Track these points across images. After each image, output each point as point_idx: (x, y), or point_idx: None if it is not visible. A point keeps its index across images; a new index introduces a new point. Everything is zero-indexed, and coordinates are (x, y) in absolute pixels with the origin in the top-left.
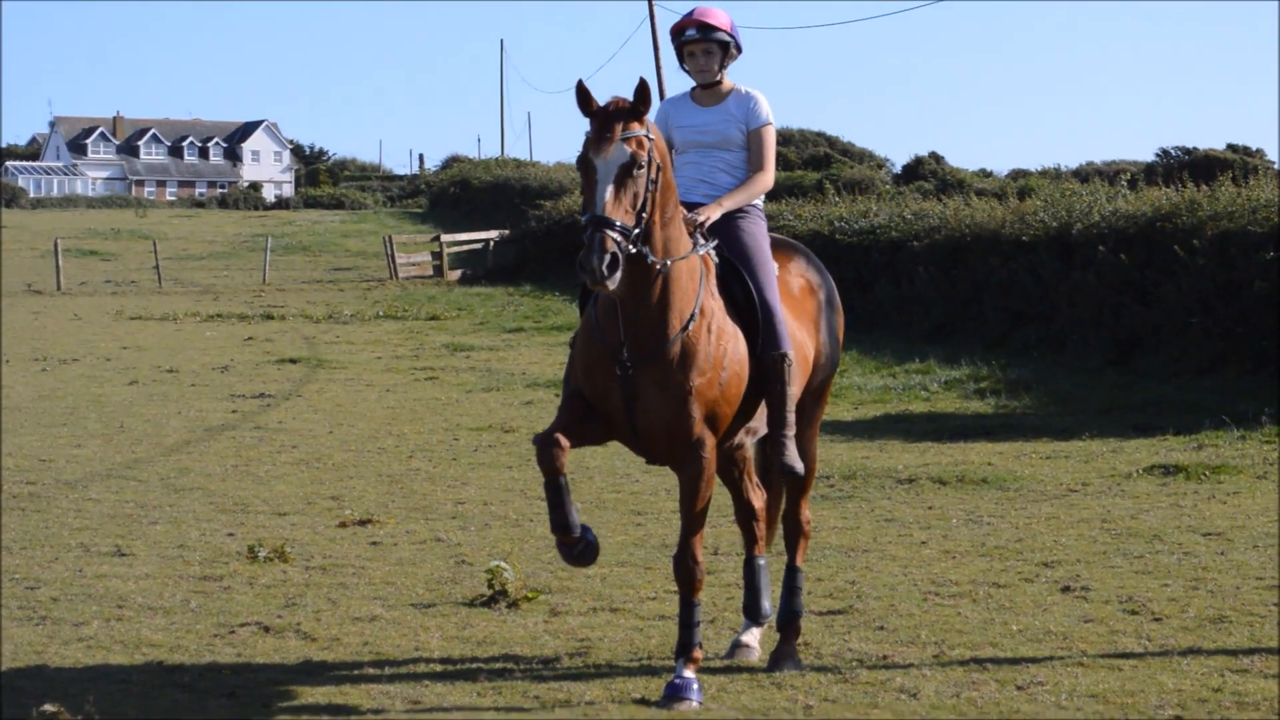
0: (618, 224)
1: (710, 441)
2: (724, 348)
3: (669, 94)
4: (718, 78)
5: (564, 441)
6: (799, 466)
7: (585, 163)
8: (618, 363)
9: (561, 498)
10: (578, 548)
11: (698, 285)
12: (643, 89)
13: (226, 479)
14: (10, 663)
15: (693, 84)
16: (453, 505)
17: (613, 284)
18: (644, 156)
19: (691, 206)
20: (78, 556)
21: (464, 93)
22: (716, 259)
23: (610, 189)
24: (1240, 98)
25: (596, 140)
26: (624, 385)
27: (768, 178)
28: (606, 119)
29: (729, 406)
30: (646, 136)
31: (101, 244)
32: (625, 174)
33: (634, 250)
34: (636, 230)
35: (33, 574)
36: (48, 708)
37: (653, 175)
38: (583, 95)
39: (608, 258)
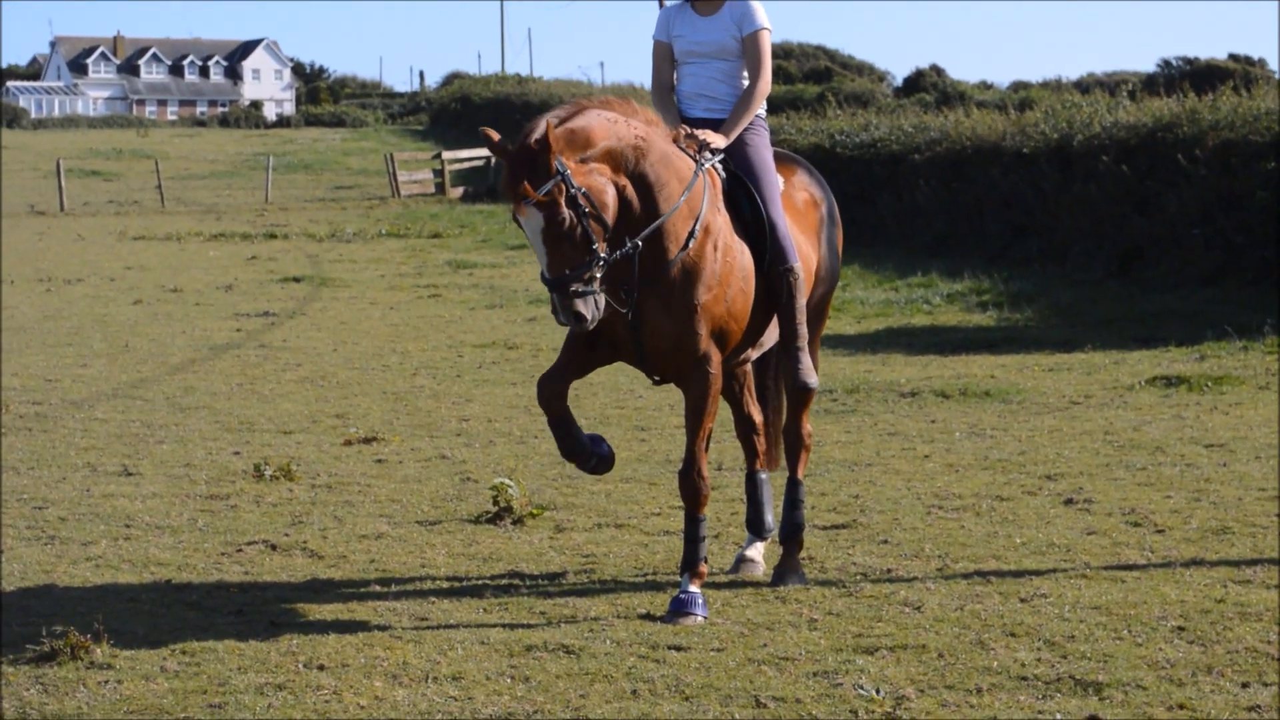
0: (570, 276)
1: (716, 358)
2: (730, 264)
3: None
4: None
5: (562, 384)
6: (813, 381)
7: (514, 220)
8: (621, 290)
9: (567, 430)
10: (591, 461)
11: (699, 203)
12: (544, 137)
13: (232, 398)
14: (19, 582)
15: None
16: (457, 422)
17: (592, 325)
18: (561, 210)
19: (693, 122)
20: (85, 476)
21: (464, 9)
22: (723, 174)
23: (544, 250)
24: (1241, 8)
25: (510, 201)
26: (629, 307)
27: (764, 85)
28: (510, 176)
29: (736, 323)
30: (559, 178)
31: (104, 164)
32: (550, 233)
33: (600, 275)
34: (595, 260)
35: (40, 494)
36: (58, 626)
37: (585, 207)
38: (489, 141)
39: (574, 317)
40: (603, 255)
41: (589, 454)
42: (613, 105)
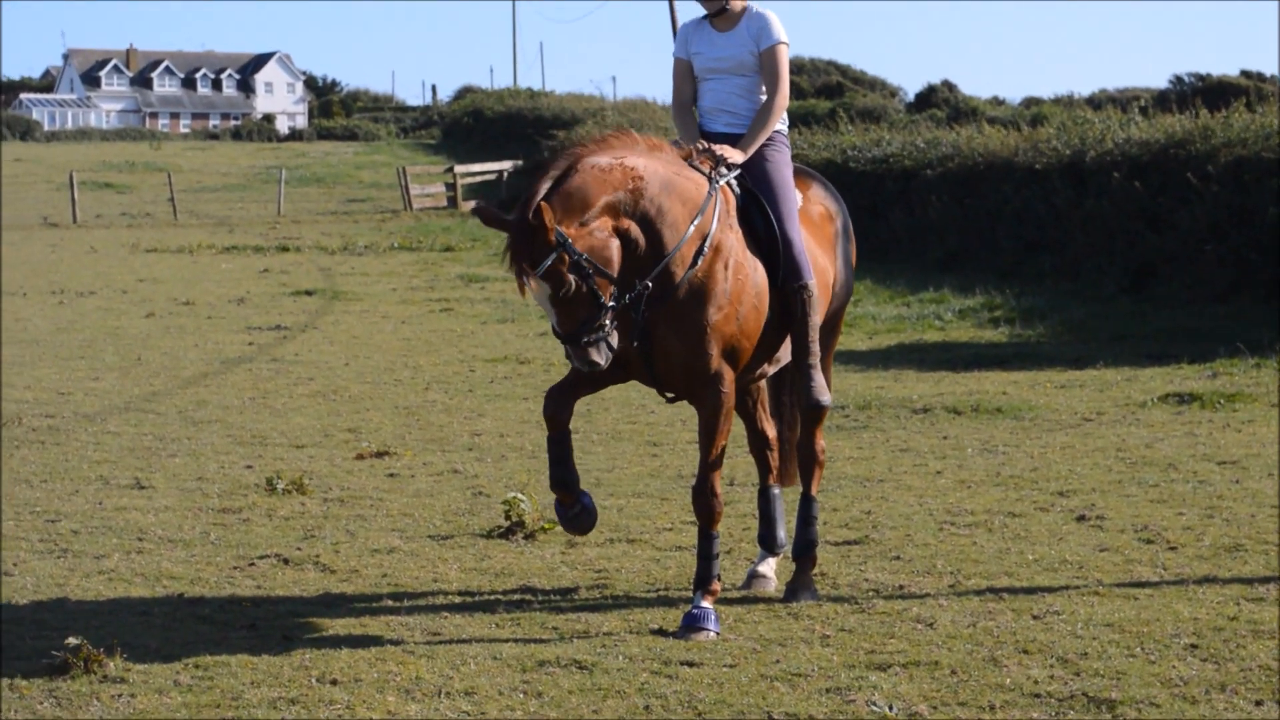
0: (578, 332)
1: (729, 376)
2: (741, 282)
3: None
4: (725, 3)
5: (571, 398)
6: (825, 399)
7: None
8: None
9: (564, 453)
10: (573, 509)
11: (709, 223)
12: (538, 214)
13: (244, 411)
14: (32, 595)
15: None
16: (469, 437)
17: (608, 363)
18: (565, 277)
19: (712, 136)
20: (97, 489)
21: (476, 23)
22: (737, 190)
23: (553, 312)
24: (1254, 24)
25: (515, 274)
26: (638, 327)
27: (782, 99)
28: (512, 252)
29: (749, 341)
30: (560, 248)
31: (116, 176)
32: (557, 299)
33: (613, 320)
34: (604, 311)
35: (53, 507)
36: (70, 640)
37: (588, 269)
38: (488, 219)
39: (589, 364)
40: (610, 304)
41: (576, 496)
42: (609, 143)
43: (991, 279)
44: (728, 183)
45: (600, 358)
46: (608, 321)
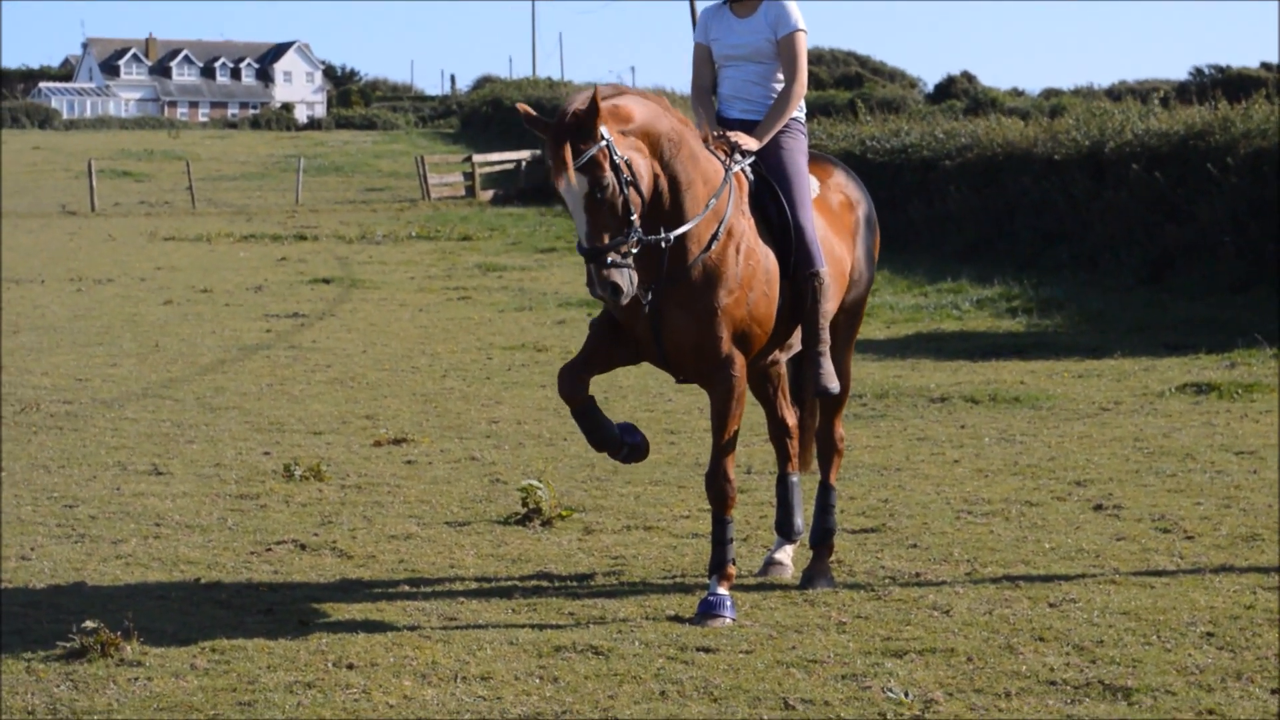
0: (608, 246)
1: (740, 360)
2: (752, 267)
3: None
4: None
5: (584, 374)
6: (833, 386)
7: (556, 193)
8: (642, 288)
9: (594, 421)
10: (623, 451)
11: (725, 206)
12: (592, 100)
13: (262, 398)
14: (50, 579)
15: None
16: (487, 424)
17: (627, 299)
18: (606, 175)
19: (730, 123)
20: (115, 475)
21: (495, 12)
22: (751, 177)
23: (585, 218)
24: (1273, 17)
25: (555, 170)
26: (650, 307)
27: (799, 87)
28: (555, 144)
29: (760, 326)
30: (604, 146)
31: (135, 165)
32: (592, 200)
33: (636, 250)
34: (632, 231)
35: (71, 492)
36: (88, 623)
37: (627, 175)
38: (528, 118)
39: (610, 288)
40: (639, 230)
41: (619, 443)
42: (649, 99)
43: (1010, 269)
44: (742, 169)
45: (623, 284)
46: (634, 251)
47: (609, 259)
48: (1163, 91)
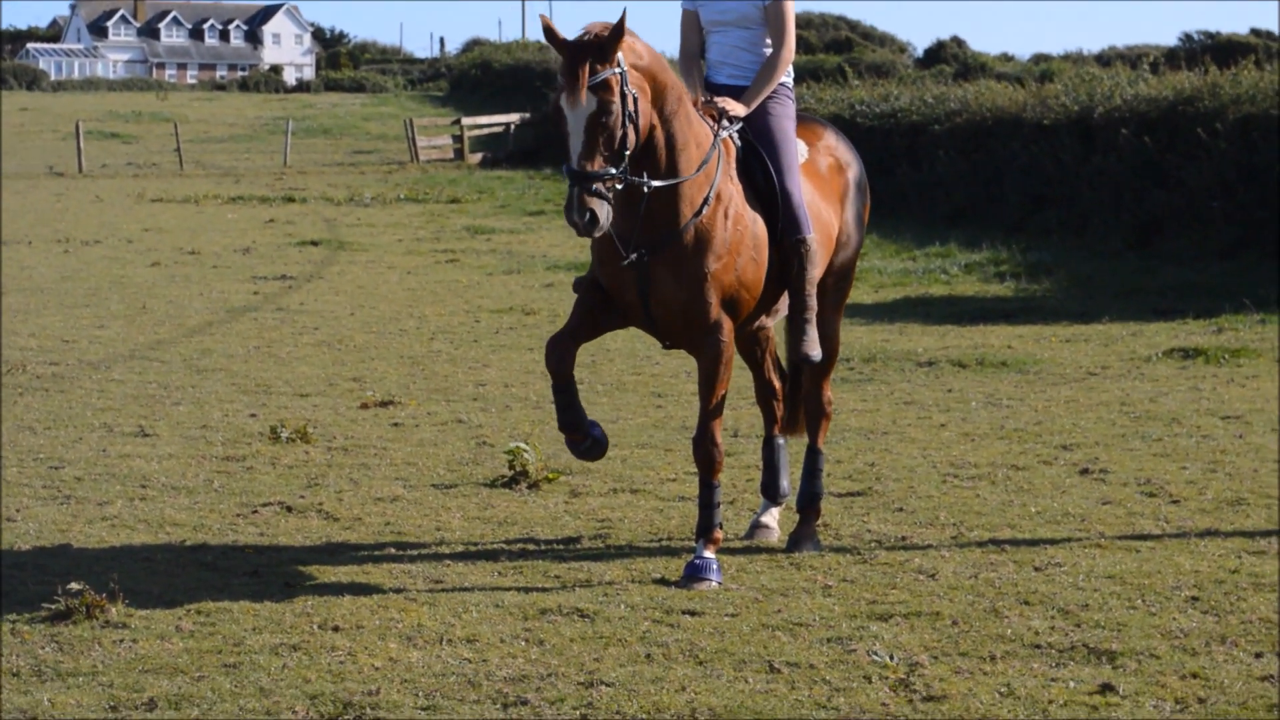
0: (595, 173)
1: (728, 325)
2: (740, 233)
3: None
4: None
5: (572, 347)
6: (815, 354)
7: (557, 111)
8: (631, 250)
9: (569, 400)
10: (584, 444)
11: (714, 170)
12: (619, 23)
13: (249, 360)
14: (35, 541)
15: None
16: (474, 387)
17: (599, 232)
18: (614, 101)
19: (717, 88)
20: (101, 436)
21: None
22: (738, 142)
23: (582, 139)
24: None
25: (565, 87)
26: (638, 272)
27: (787, 53)
28: (572, 60)
29: (748, 292)
30: (618, 73)
31: (123, 126)
32: (595, 122)
33: (620, 186)
34: (621, 167)
35: (57, 454)
36: (73, 585)
37: (631, 109)
38: (548, 32)
39: (587, 214)
40: (626, 166)
41: (585, 432)
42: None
43: (998, 234)
44: (730, 135)
45: (600, 215)
46: (618, 187)
47: (593, 185)
48: (1152, 57)
